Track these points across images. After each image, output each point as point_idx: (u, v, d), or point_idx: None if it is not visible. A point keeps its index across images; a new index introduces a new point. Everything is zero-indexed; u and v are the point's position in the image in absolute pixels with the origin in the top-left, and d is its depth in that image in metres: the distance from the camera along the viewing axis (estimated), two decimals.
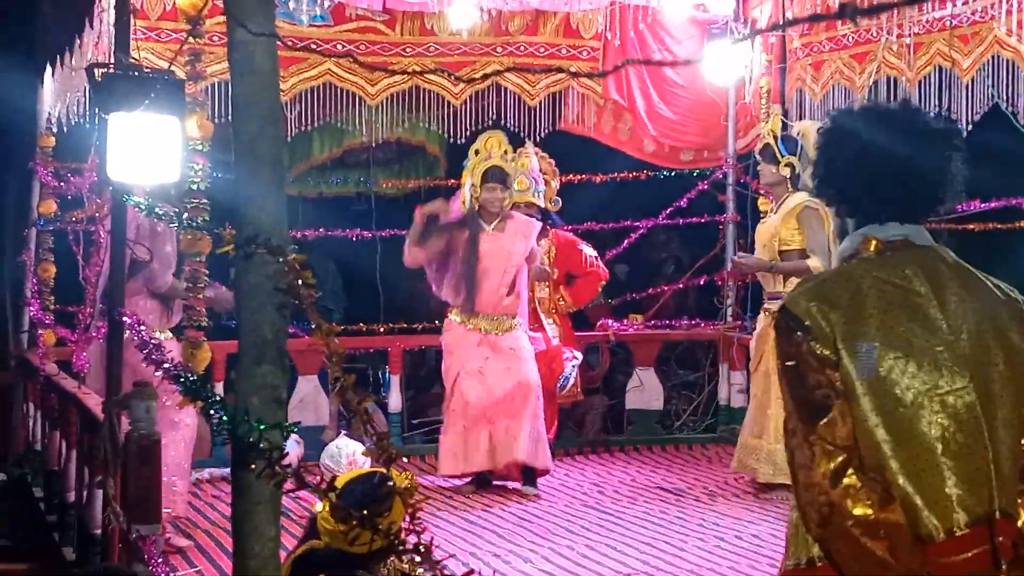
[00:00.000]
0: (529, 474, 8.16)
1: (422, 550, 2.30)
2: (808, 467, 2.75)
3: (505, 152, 8.16)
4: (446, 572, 2.26)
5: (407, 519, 2.50)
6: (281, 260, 2.68)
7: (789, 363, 2.81)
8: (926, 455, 2.75)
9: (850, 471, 2.73)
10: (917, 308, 2.84)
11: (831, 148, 3.02)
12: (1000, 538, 2.73)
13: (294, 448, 8.07)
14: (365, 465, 6.65)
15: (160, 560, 4.81)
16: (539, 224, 8.36)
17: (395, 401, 9.40)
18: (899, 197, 2.94)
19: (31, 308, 8.14)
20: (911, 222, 2.95)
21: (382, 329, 9.79)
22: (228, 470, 3.49)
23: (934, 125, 3.05)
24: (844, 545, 2.74)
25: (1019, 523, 2.79)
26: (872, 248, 2.93)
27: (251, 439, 2.60)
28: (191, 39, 6.05)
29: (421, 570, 4.28)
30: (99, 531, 5.61)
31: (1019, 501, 2.82)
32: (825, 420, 2.75)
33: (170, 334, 6.76)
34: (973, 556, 2.72)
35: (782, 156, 7.63)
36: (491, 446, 8.02)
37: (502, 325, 8.13)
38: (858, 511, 2.70)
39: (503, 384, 8.02)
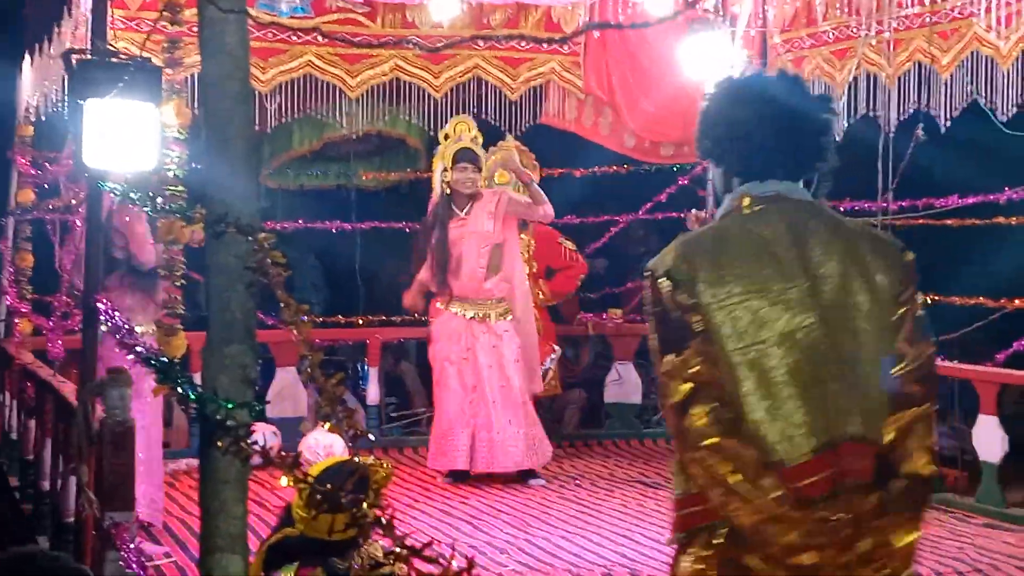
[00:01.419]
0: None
1: (384, 523, 2.29)
2: (667, 397, 3.02)
3: (474, 136, 8.24)
4: (407, 544, 2.26)
5: (371, 495, 2.50)
6: (251, 239, 2.68)
7: (655, 309, 3.07)
8: (777, 388, 2.96)
9: (699, 402, 2.96)
10: (776, 255, 3.07)
11: (714, 110, 3.26)
12: (849, 459, 2.94)
13: (272, 440, 8.07)
14: (342, 456, 6.65)
15: (133, 547, 4.78)
16: (505, 191, 8.36)
17: (373, 393, 9.40)
18: (776, 156, 3.16)
19: (8, 297, 8.11)
20: (790, 179, 3.18)
21: (361, 321, 9.79)
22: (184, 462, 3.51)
23: (809, 92, 3.28)
24: (698, 469, 2.96)
25: (884, 442, 2.99)
26: (746, 204, 3.16)
27: (219, 418, 2.60)
28: (168, 25, 6.02)
29: (392, 557, 4.29)
30: (73, 519, 5.58)
31: (891, 427, 3.01)
32: (681, 357, 2.99)
33: (154, 328, 6.74)
34: (818, 480, 2.92)
35: None
36: (472, 447, 8.03)
37: (488, 310, 8.12)
38: (707, 440, 2.93)
39: (486, 383, 8.03)
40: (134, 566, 4.64)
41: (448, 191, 8.17)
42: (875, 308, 3.07)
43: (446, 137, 8.27)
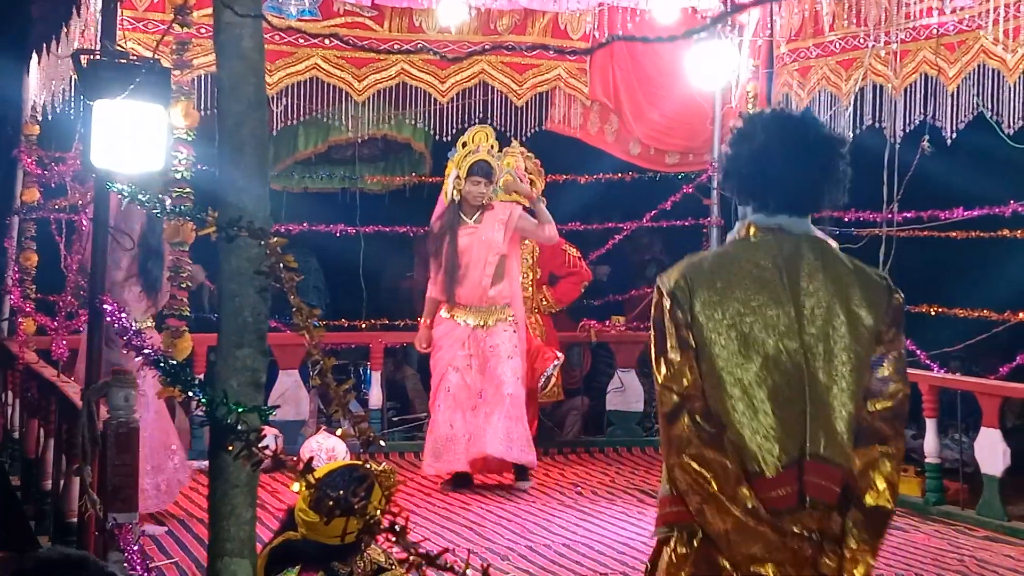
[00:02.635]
0: (521, 469, 8.19)
1: (397, 530, 2.29)
2: (661, 406, 3.27)
3: (492, 147, 8.21)
4: (419, 552, 2.26)
5: (382, 501, 2.49)
6: (263, 243, 2.67)
7: (656, 323, 3.31)
8: (758, 405, 3.20)
9: (686, 413, 3.21)
10: (769, 283, 3.28)
11: (736, 146, 3.45)
12: (815, 477, 3.17)
13: (272, 443, 8.06)
14: (345, 459, 6.64)
15: (136, 548, 4.78)
16: (518, 206, 8.35)
17: (376, 397, 9.41)
18: (783, 192, 3.35)
19: (12, 296, 8.11)
20: (796, 214, 3.36)
21: (364, 325, 9.79)
22: (205, 462, 3.49)
23: (823, 133, 3.43)
24: (680, 474, 3.20)
25: (852, 469, 3.21)
26: (750, 233, 3.38)
27: (229, 421, 2.59)
28: (178, 27, 6.02)
29: (396, 561, 4.29)
30: (75, 519, 5.58)
31: (859, 459, 3.23)
32: (673, 371, 3.24)
33: (151, 322, 6.75)
34: (785, 494, 3.16)
35: None
36: (467, 451, 8.03)
37: (491, 316, 8.13)
38: (690, 448, 3.18)
39: (481, 384, 8.04)
40: (137, 567, 4.64)
41: (458, 199, 8.15)
42: (855, 344, 3.26)
43: (463, 145, 8.23)
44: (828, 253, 3.36)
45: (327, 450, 7.91)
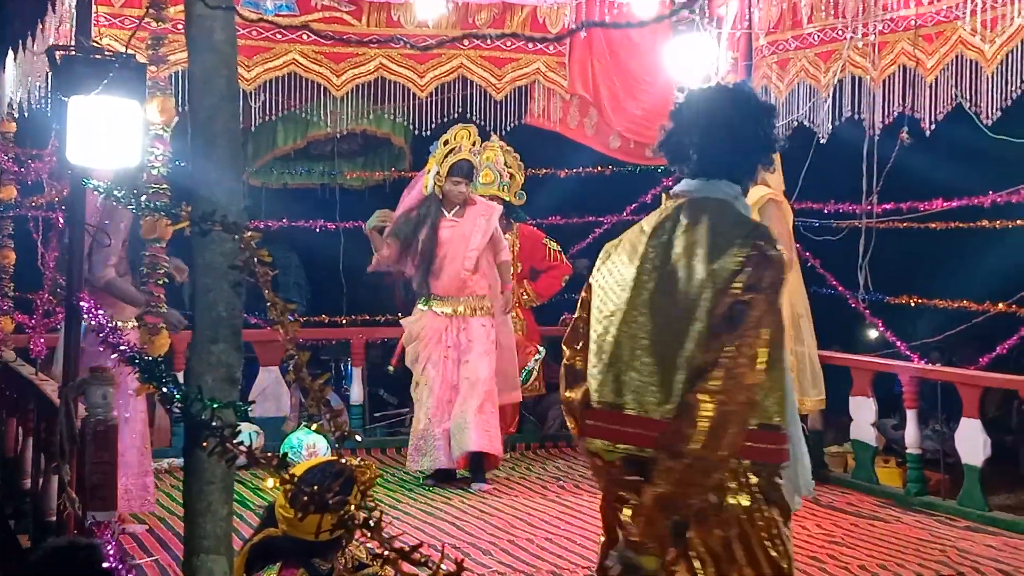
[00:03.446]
0: (478, 467, 8.16)
1: (372, 524, 2.27)
2: None
3: (474, 144, 8.21)
4: (395, 547, 2.24)
5: (358, 497, 2.48)
6: (237, 237, 2.66)
7: None
8: (594, 351, 3.71)
9: (566, 363, 3.84)
10: (637, 244, 3.71)
11: (669, 119, 3.85)
12: (617, 427, 3.62)
13: (254, 439, 8.04)
14: (326, 456, 6.63)
15: (114, 545, 4.75)
16: (499, 207, 8.38)
17: (357, 393, 9.39)
18: (688, 158, 3.76)
19: None
20: (701, 177, 3.72)
21: (344, 321, 9.77)
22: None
23: (729, 101, 3.77)
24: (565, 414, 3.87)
25: (655, 417, 3.55)
26: (665, 200, 3.85)
27: (204, 418, 2.57)
28: (152, 23, 5.99)
29: (377, 558, 4.27)
30: (54, 518, 5.55)
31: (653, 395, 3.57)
32: (571, 327, 3.87)
33: (135, 322, 6.71)
34: (600, 426, 3.67)
35: None
36: (448, 442, 8.02)
37: (470, 306, 8.13)
38: (565, 392, 3.84)
39: (457, 379, 8.04)
40: (117, 565, 4.61)
41: (440, 196, 8.15)
42: (684, 296, 3.54)
43: (445, 143, 8.22)
44: (715, 213, 3.63)
45: (307, 446, 7.89)
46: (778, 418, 3.55)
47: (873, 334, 8.72)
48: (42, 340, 7.04)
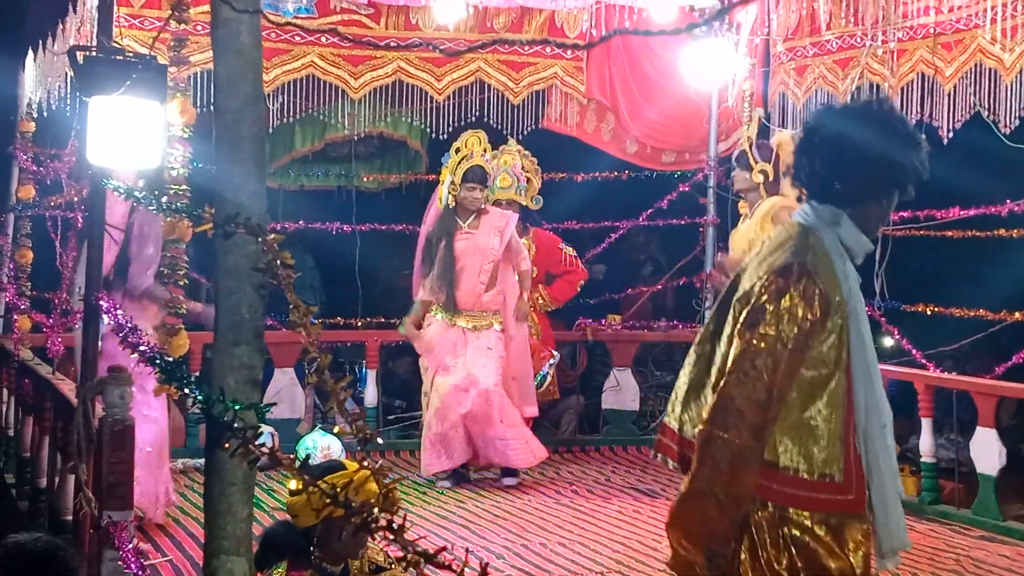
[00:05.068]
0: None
1: (395, 528, 2.28)
2: None
3: (485, 151, 8.23)
4: (417, 550, 2.25)
5: (382, 500, 2.49)
6: (260, 240, 2.66)
7: None
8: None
9: None
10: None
11: (806, 144, 3.68)
12: (662, 439, 3.81)
13: (268, 440, 8.04)
14: (340, 457, 6.65)
15: (131, 546, 4.77)
16: (515, 216, 8.40)
17: (371, 395, 9.40)
18: (809, 182, 3.69)
19: (7, 293, 8.09)
20: (807, 201, 3.68)
21: (359, 323, 9.78)
22: (201, 460, 3.50)
23: (815, 126, 3.70)
24: None
25: (680, 431, 3.71)
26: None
27: (226, 419, 2.58)
28: (175, 24, 6.01)
29: (395, 560, 4.28)
30: (70, 518, 5.56)
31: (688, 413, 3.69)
32: None
33: (152, 330, 6.73)
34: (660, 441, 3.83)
35: (756, 162, 7.56)
36: (468, 441, 8.04)
37: (482, 321, 8.17)
38: None
39: (472, 386, 8.04)
40: (132, 565, 4.62)
41: (453, 204, 8.18)
42: (718, 316, 3.64)
43: (457, 151, 8.24)
44: (785, 233, 3.63)
45: (322, 448, 7.91)
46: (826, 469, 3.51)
47: (889, 342, 8.70)
48: (59, 339, 7.06)
